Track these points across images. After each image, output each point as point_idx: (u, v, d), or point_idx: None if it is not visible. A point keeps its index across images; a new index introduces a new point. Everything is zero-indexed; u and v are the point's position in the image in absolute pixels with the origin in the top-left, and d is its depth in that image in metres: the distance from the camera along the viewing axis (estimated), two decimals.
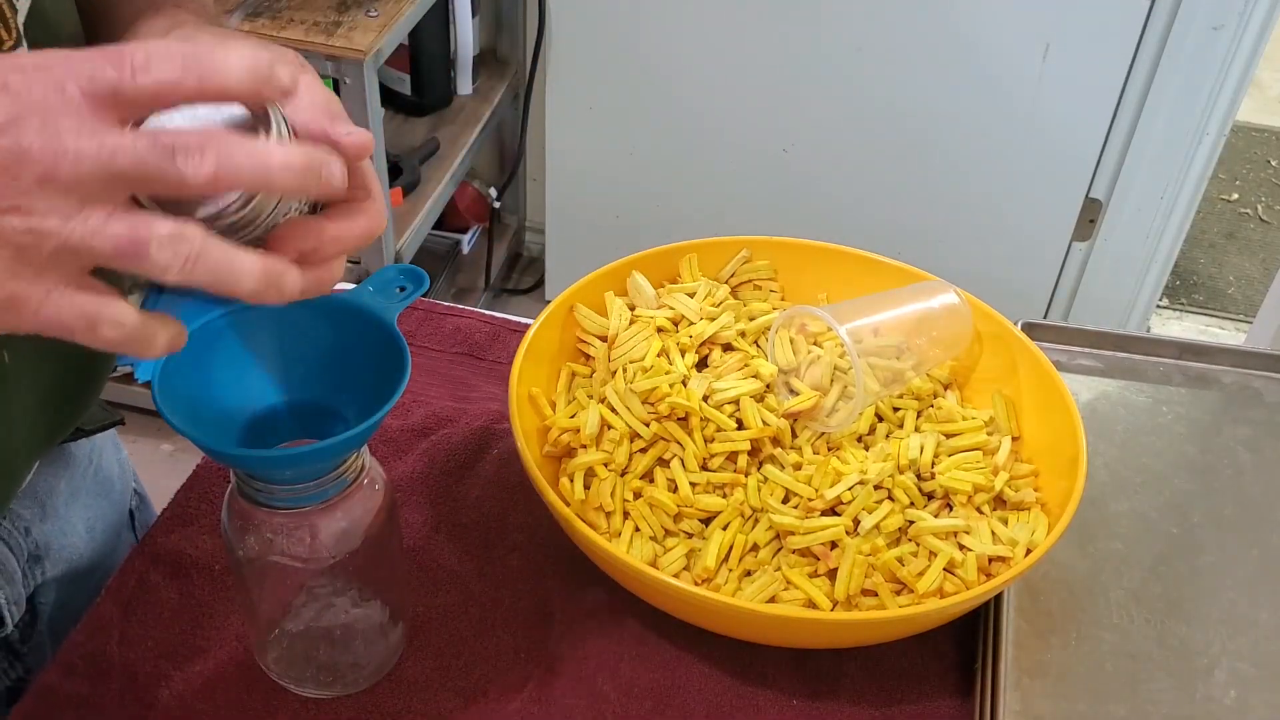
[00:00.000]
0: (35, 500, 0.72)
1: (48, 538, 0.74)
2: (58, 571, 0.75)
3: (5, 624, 0.70)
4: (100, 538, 0.80)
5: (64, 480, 0.76)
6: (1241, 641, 0.69)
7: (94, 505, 0.79)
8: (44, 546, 0.73)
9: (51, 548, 0.74)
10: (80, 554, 0.77)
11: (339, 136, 0.48)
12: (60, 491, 0.75)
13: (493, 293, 2.29)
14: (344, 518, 0.60)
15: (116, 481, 0.83)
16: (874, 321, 0.74)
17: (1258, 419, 0.84)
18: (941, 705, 0.68)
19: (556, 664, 0.69)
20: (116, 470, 0.83)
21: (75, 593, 0.77)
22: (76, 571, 0.77)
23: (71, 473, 0.77)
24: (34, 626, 0.74)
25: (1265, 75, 3.23)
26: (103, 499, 0.80)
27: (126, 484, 0.85)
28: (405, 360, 0.56)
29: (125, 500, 0.84)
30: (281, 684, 0.67)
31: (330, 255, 0.49)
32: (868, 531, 0.68)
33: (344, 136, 0.48)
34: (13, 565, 0.70)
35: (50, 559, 0.74)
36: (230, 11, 1.53)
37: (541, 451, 0.74)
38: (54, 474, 0.75)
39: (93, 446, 0.79)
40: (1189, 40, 1.73)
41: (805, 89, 1.92)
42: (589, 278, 0.80)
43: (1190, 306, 2.56)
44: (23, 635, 0.73)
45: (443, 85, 2.00)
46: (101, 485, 0.80)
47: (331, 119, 0.49)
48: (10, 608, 0.70)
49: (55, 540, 0.74)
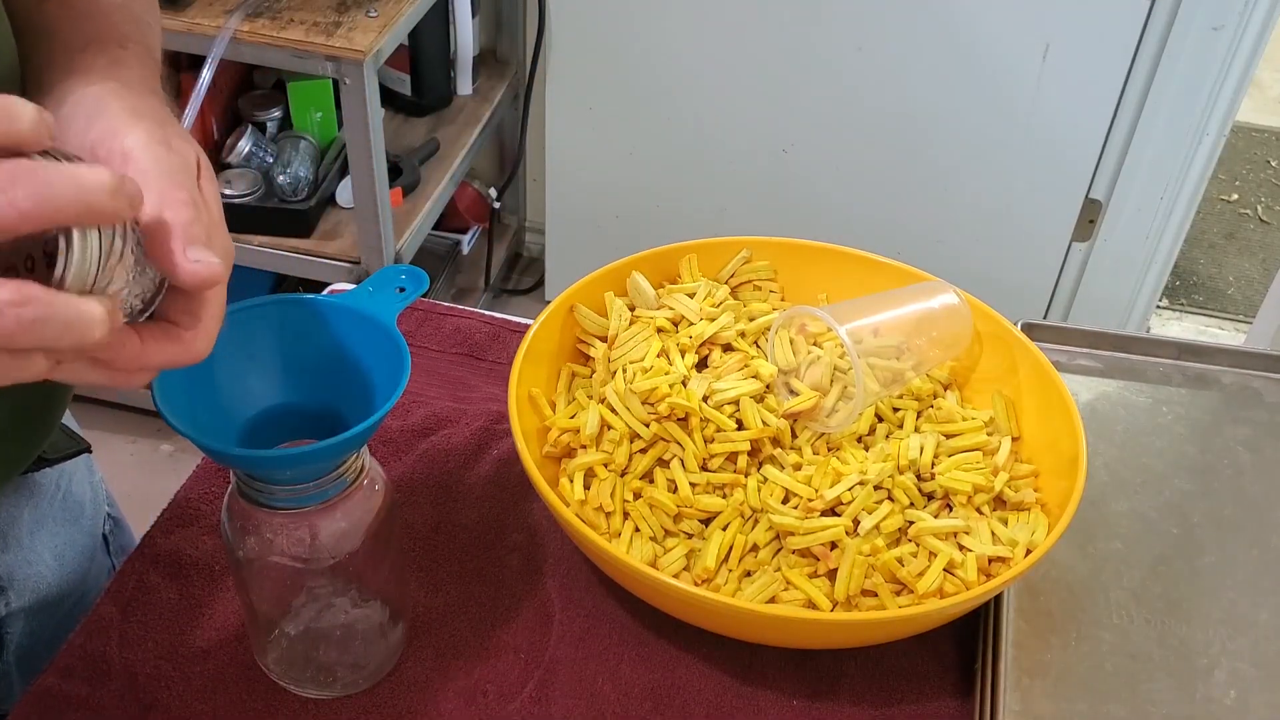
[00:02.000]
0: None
1: (10, 569, 0.73)
2: (24, 602, 0.74)
3: None
4: (70, 565, 0.78)
5: (27, 510, 0.74)
6: (1241, 641, 0.69)
7: (62, 533, 0.78)
8: (7, 578, 0.72)
9: (15, 578, 0.73)
10: (49, 583, 0.76)
11: (182, 263, 0.44)
12: (23, 521, 0.74)
13: (493, 293, 2.29)
14: (344, 518, 0.60)
15: (88, 506, 0.81)
16: (874, 322, 0.74)
17: (1258, 419, 0.84)
18: (941, 705, 0.68)
19: (556, 664, 0.69)
20: (89, 495, 0.81)
21: (45, 622, 0.76)
22: (45, 601, 0.76)
23: (36, 501, 0.75)
24: (0, 657, 0.74)
25: (1265, 75, 3.23)
26: (71, 525, 0.79)
27: (99, 509, 0.83)
28: (405, 361, 0.56)
29: (97, 526, 0.83)
30: (281, 684, 0.67)
31: (130, 369, 0.46)
32: (868, 532, 0.68)
33: (188, 264, 0.44)
34: None
35: (15, 589, 0.73)
36: (230, 12, 1.53)
37: (541, 452, 0.74)
38: (16, 504, 0.73)
39: (61, 473, 0.77)
40: (1189, 40, 1.73)
41: (805, 89, 1.92)
42: (589, 278, 0.80)
43: (1190, 307, 2.56)
44: None
45: (443, 85, 2.00)
46: (70, 512, 0.79)
47: (186, 244, 0.44)
48: None
49: (19, 571, 0.73)
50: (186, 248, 0.44)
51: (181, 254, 0.44)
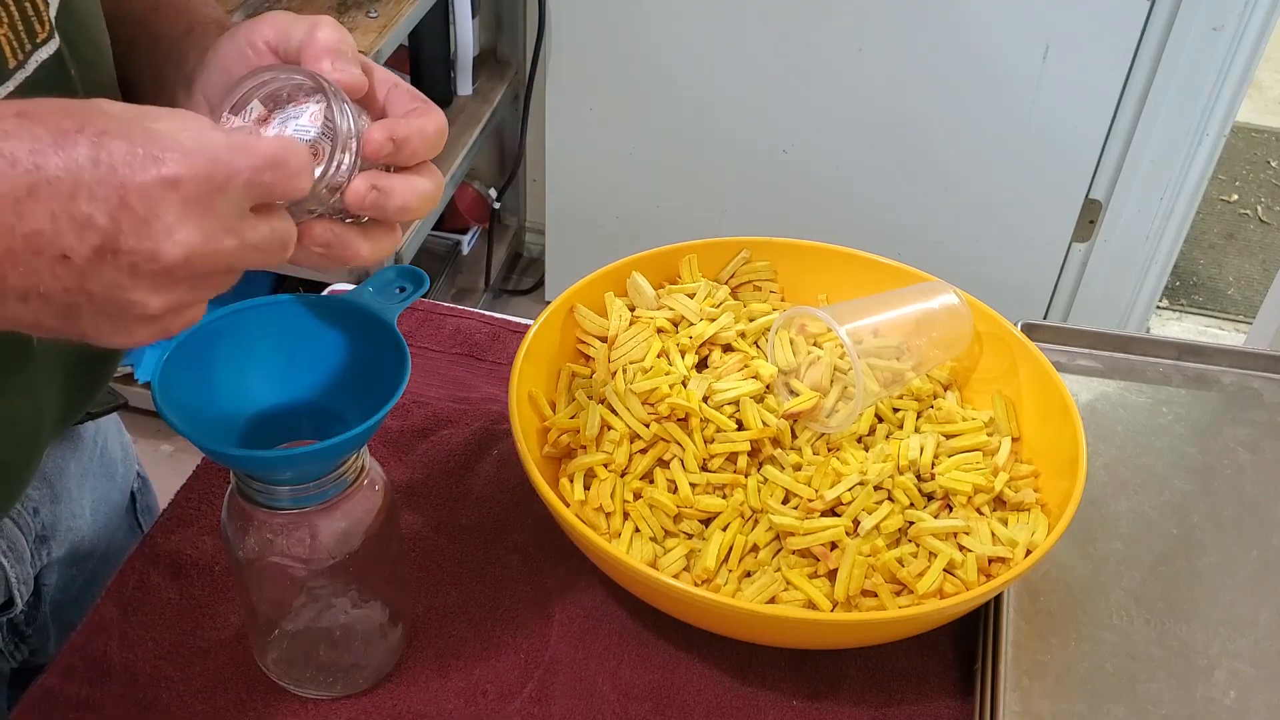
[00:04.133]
0: (45, 481, 0.73)
1: (55, 518, 0.74)
2: (61, 552, 0.76)
3: (15, 604, 0.71)
4: (102, 520, 0.81)
5: (73, 461, 0.76)
6: (1241, 641, 0.69)
7: (99, 487, 0.80)
8: (51, 527, 0.74)
9: (59, 528, 0.75)
10: (83, 536, 0.78)
11: (331, 72, 0.51)
12: (70, 472, 0.76)
13: (493, 293, 2.29)
14: (344, 518, 0.60)
15: (119, 464, 0.84)
16: (874, 322, 0.74)
17: (1257, 419, 0.84)
18: (941, 705, 0.68)
19: (556, 664, 0.69)
20: (120, 453, 0.84)
21: (75, 575, 0.77)
22: (78, 553, 0.77)
23: (80, 454, 0.77)
24: (38, 608, 0.75)
25: (1265, 76, 3.23)
26: (107, 480, 0.81)
27: (130, 466, 0.86)
28: (405, 361, 0.56)
29: (128, 483, 0.85)
30: (281, 684, 0.67)
31: (418, 149, 0.53)
32: (868, 532, 0.68)
33: (334, 73, 0.51)
34: (22, 545, 0.71)
35: (56, 540, 0.75)
36: (230, 12, 1.53)
37: (541, 452, 0.74)
38: (63, 455, 0.75)
39: (98, 429, 0.80)
40: (1189, 41, 1.73)
41: (805, 89, 1.92)
42: (589, 278, 0.80)
43: (1190, 307, 2.56)
44: (27, 617, 0.74)
45: (443, 86, 2.00)
46: (106, 467, 0.81)
47: (334, 58, 0.52)
48: (20, 587, 0.71)
49: (62, 521, 0.75)
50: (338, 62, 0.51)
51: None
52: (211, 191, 0.43)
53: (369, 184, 0.51)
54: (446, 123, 0.55)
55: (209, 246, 0.44)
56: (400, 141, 0.51)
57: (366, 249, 0.53)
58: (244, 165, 0.44)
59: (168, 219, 0.42)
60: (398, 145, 0.51)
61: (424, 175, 0.54)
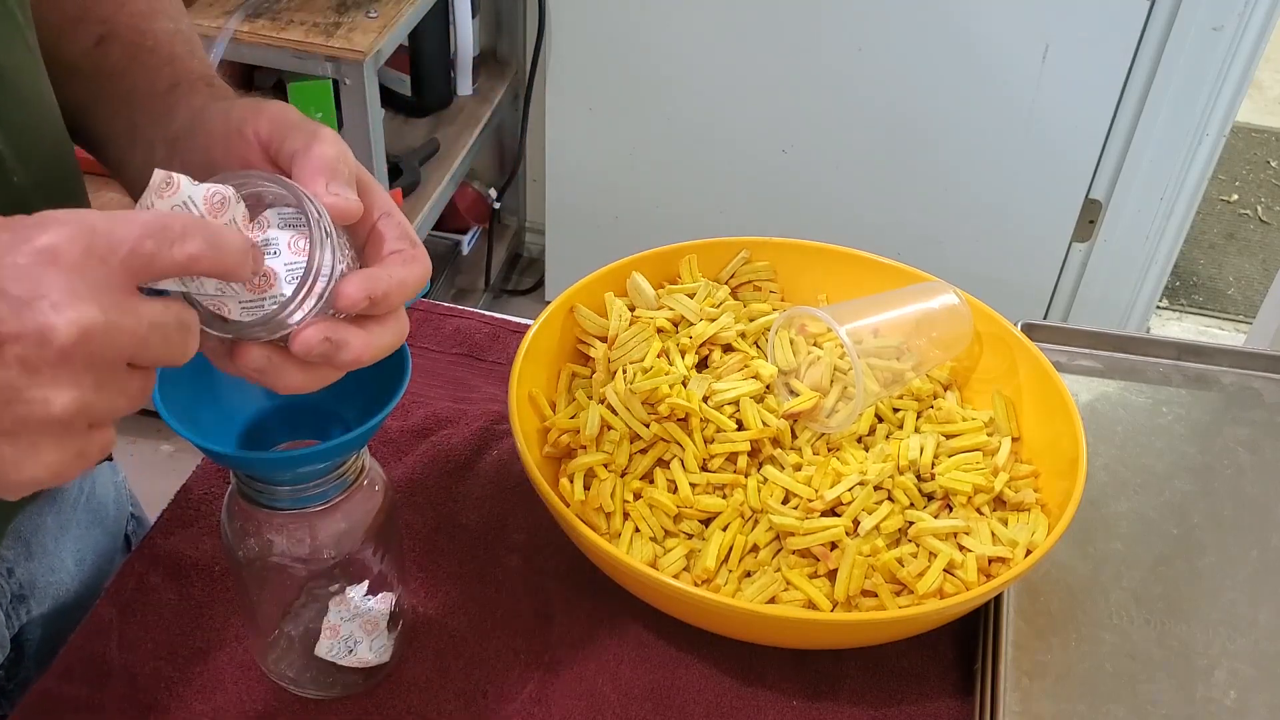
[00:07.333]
0: (19, 539, 0.71)
1: (32, 575, 0.72)
2: (44, 609, 0.74)
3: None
4: (89, 568, 0.78)
5: (50, 515, 0.74)
6: (1241, 641, 0.69)
7: (85, 536, 0.77)
8: (28, 585, 0.72)
9: (36, 586, 0.73)
10: (67, 588, 0.75)
11: (324, 195, 0.47)
12: (47, 527, 0.73)
13: (493, 293, 2.29)
14: (344, 519, 0.60)
15: (111, 508, 0.81)
16: (874, 322, 0.74)
17: (1257, 419, 0.84)
18: (941, 705, 0.68)
19: (556, 665, 0.69)
20: (112, 495, 0.81)
21: (63, 626, 0.75)
22: (63, 607, 0.75)
23: (60, 507, 0.75)
24: (19, 664, 0.73)
25: (1265, 76, 3.23)
26: (95, 528, 0.79)
27: (123, 509, 0.83)
28: (405, 361, 0.56)
29: (120, 526, 0.82)
30: (281, 685, 0.67)
31: (394, 304, 0.48)
32: (867, 532, 0.68)
33: (327, 196, 0.47)
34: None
35: (35, 598, 0.73)
36: (230, 13, 1.53)
37: (541, 452, 0.74)
38: (40, 511, 0.73)
39: (85, 477, 0.77)
40: (1189, 40, 1.73)
41: (805, 89, 1.92)
42: (589, 278, 0.80)
43: (1190, 307, 2.56)
44: (8, 674, 0.72)
45: (443, 86, 2.00)
46: (94, 514, 0.79)
47: (329, 179, 0.48)
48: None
49: (40, 578, 0.73)
50: (333, 184, 0.48)
51: (325, 191, 0.47)
52: (95, 262, 0.39)
53: (322, 335, 0.46)
54: (430, 270, 0.50)
55: (106, 318, 0.38)
56: (377, 300, 0.47)
57: (300, 380, 0.48)
58: (125, 234, 0.40)
59: (53, 295, 0.38)
60: (373, 303, 0.47)
61: (388, 326, 0.49)
